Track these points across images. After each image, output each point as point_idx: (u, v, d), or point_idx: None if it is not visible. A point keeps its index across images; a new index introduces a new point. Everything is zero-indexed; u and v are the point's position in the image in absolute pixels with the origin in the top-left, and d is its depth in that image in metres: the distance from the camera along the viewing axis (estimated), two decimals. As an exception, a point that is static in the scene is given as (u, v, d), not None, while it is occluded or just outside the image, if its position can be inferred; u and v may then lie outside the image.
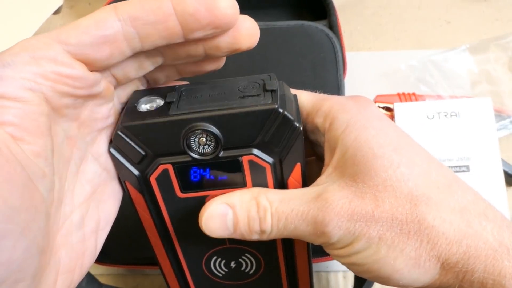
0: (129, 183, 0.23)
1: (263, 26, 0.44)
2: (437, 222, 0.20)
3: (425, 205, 0.21)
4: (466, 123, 0.42)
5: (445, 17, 0.53)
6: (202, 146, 0.22)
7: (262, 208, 0.22)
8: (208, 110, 0.21)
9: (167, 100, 0.22)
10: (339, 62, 0.44)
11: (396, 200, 0.21)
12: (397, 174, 0.21)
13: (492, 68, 0.48)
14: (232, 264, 0.28)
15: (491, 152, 0.42)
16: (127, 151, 0.22)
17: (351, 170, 0.22)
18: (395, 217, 0.21)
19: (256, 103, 0.21)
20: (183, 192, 0.24)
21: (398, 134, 0.23)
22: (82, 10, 0.53)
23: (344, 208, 0.21)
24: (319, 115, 0.24)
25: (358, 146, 0.22)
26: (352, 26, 0.52)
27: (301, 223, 0.22)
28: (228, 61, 0.43)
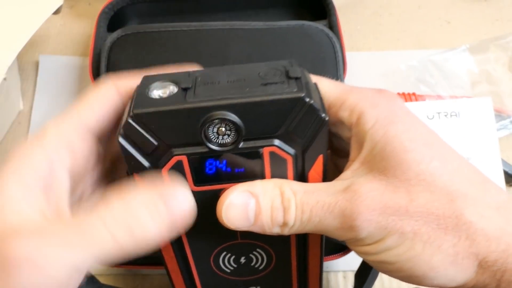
0: (139, 176, 0.22)
1: (263, 26, 0.44)
2: (475, 218, 0.19)
3: (462, 201, 0.20)
4: (466, 123, 0.42)
5: (445, 17, 0.53)
6: (221, 137, 0.21)
7: (286, 199, 0.21)
8: (229, 97, 0.20)
9: (182, 86, 0.20)
10: (339, 62, 0.44)
11: (431, 194, 0.20)
12: (431, 169, 0.20)
13: (492, 68, 0.48)
14: (242, 259, 0.27)
15: (491, 152, 0.42)
16: (138, 140, 0.21)
17: (381, 164, 0.21)
18: (431, 212, 0.20)
19: (281, 91, 0.20)
20: (196, 185, 0.22)
21: (427, 130, 0.22)
22: (82, 10, 0.53)
23: (376, 200, 0.20)
24: (344, 108, 0.22)
25: (388, 141, 0.21)
26: (352, 26, 0.52)
27: (327, 216, 0.20)
28: (227, 61, 0.43)
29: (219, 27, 0.44)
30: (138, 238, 0.19)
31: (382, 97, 0.22)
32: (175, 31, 0.44)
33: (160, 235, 0.20)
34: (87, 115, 0.22)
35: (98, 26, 0.46)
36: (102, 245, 0.19)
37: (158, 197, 0.20)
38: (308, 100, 0.20)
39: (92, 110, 0.22)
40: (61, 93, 0.47)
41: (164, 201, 0.20)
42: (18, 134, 0.46)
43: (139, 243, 0.19)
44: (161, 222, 0.20)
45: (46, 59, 0.49)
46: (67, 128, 0.22)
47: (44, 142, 0.21)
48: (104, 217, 0.19)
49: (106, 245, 0.19)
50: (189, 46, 0.44)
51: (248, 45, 0.44)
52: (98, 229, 0.19)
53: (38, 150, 0.21)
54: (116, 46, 0.44)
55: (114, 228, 0.19)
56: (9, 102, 0.45)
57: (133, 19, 0.49)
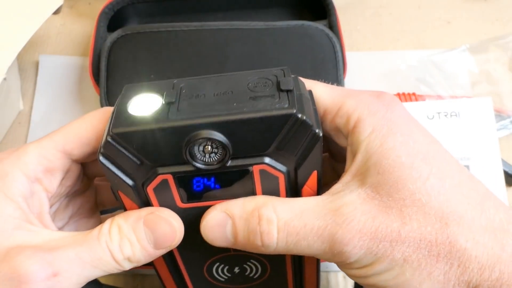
0: (123, 193, 0.21)
1: (263, 26, 0.44)
2: (469, 244, 0.19)
3: (457, 225, 0.19)
4: (466, 123, 0.42)
5: (445, 17, 0.53)
6: (208, 155, 0.19)
7: (265, 221, 0.20)
8: (214, 114, 0.18)
9: (165, 100, 0.19)
10: (339, 62, 0.44)
11: (425, 217, 0.19)
12: (427, 187, 0.19)
13: (492, 68, 0.48)
14: (236, 269, 0.26)
15: (491, 152, 0.41)
16: (120, 160, 0.19)
17: (374, 179, 0.19)
18: (424, 237, 0.19)
19: (271, 107, 0.18)
20: (184, 203, 0.21)
21: (428, 141, 0.21)
22: (82, 10, 0.53)
23: (367, 225, 0.19)
24: (341, 115, 0.21)
25: (384, 154, 0.19)
26: (352, 26, 0.52)
27: (315, 240, 0.20)
28: (227, 61, 0.43)
29: (219, 27, 0.44)
30: (131, 259, 0.21)
31: (380, 103, 0.21)
32: (175, 31, 0.44)
33: (150, 257, 0.22)
34: (69, 139, 0.22)
35: (98, 26, 0.46)
36: (105, 263, 0.21)
37: (145, 224, 0.21)
38: (300, 116, 0.18)
39: (76, 136, 0.22)
40: (61, 93, 0.47)
41: (150, 228, 0.21)
42: (18, 134, 0.46)
43: (133, 262, 0.21)
44: (147, 247, 0.21)
45: (46, 59, 0.49)
46: (48, 151, 0.22)
47: (23, 161, 0.22)
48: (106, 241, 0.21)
49: (108, 264, 0.21)
50: (189, 46, 0.44)
51: (248, 45, 0.44)
52: (103, 249, 0.20)
53: (18, 170, 0.21)
54: (116, 46, 0.44)
55: (112, 249, 0.21)
56: (9, 102, 0.45)
57: (133, 19, 0.49)
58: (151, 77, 0.42)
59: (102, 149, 0.20)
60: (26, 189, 0.21)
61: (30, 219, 0.21)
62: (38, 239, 0.21)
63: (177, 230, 0.21)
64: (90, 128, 0.22)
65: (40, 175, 0.22)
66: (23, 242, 0.20)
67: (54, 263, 0.19)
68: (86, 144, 0.23)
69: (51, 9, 0.42)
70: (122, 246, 0.21)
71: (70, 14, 0.52)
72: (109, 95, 0.43)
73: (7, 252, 0.19)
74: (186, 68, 0.43)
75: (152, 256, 0.22)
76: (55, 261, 0.20)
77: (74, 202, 0.26)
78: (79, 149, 0.23)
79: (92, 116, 0.23)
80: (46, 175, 0.22)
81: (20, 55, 0.47)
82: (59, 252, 0.20)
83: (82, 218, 0.26)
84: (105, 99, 0.42)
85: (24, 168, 0.22)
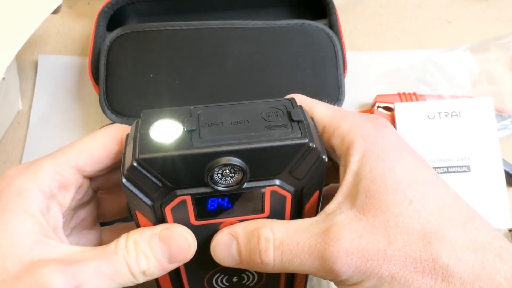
0: (140, 212, 0.22)
1: (263, 25, 0.44)
2: (452, 261, 0.20)
3: (439, 243, 0.20)
4: (467, 123, 0.42)
5: (446, 16, 0.53)
6: (226, 178, 0.21)
7: (263, 239, 0.22)
8: (235, 142, 0.20)
9: (187, 128, 0.21)
10: (339, 61, 0.44)
11: (408, 237, 0.20)
12: (409, 211, 0.21)
13: (493, 68, 0.48)
14: (234, 279, 0.28)
15: (492, 152, 0.41)
16: (142, 182, 0.21)
17: (363, 202, 0.21)
18: (408, 255, 0.20)
19: (286, 137, 0.20)
20: (197, 220, 0.23)
21: (414, 166, 0.22)
22: (82, 9, 0.53)
23: (354, 244, 0.20)
24: (336, 135, 0.23)
25: (372, 179, 0.21)
26: (352, 26, 0.52)
27: (307, 258, 0.21)
28: (227, 60, 0.43)
29: (219, 26, 0.44)
30: (146, 272, 0.22)
31: (373, 128, 0.23)
32: (174, 30, 0.44)
33: (163, 270, 0.23)
34: (82, 156, 0.23)
35: (98, 25, 0.46)
36: (122, 276, 0.22)
37: (160, 239, 0.22)
38: (311, 144, 0.21)
39: (89, 153, 0.24)
40: (60, 93, 0.47)
41: (165, 243, 0.22)
42: (17, 134, 0.45)
43: (147, 276, 0.23)
44: (162, 261, 0.22)
45: (45, 58, 0.49)
46: (62, 167, 0.23)
47: (39, 177, 0.23)
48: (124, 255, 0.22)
49: (125, 277, 0.22)
50: (189, 45, 0.43)
51: (248, 44, 0.43)
52: (121, 263, 0.22)
53: (35, 187, 0.22)
54: (115, 45, 0.44)
55: (130, 263, 0.22)
56: (8, 102, 0.45)
57: (133, 18, 0.49)
58: (151, 77, 0.42)
59: (126, 172, 0.21)
60: (43, 204, 0.22)
61: (48, 233, 0.22)
62: (57, 253, 0.22)
63: (191, 246, 0.23)
64: (102, 146, 0.24)
65: (55, 191, 0.23)
66: (43, 256, 0.21)
67: (76, 276, 0.21)
68: (98, 162, 0.24)
69: (50, 8, 0.42)
70: (138, 260, 0.22)
71: (69, 14, 0.52)
72: (108, 94, 0.42)
73: (30, 265, 0.20)
74: (186, 68, 0.43)
75: (166, 269, 0.23)
76: (77, 274, 0.21)
77: (78, 215, 0.27)
78: (91, 166, 0.24)
79: (104, 135, 0.24)
80: (61, 191, 0.23)
81: (19, 54, 0.46)
82: (80, 266, 0.21)
83: (84, 229, 0.27)
84: (104, 98, 0.42)
85: (41, 184, 0.22)
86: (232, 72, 0.43)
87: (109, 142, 0.24)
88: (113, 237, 0.27)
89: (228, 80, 0.42)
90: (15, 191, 0.22)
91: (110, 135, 0.24)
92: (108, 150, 0.24)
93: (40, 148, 0.45)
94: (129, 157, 0.21)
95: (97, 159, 0.24)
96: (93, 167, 0.24)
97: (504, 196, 0.40)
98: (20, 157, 0.44)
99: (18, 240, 0.21)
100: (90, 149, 0.24)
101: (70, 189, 0.24)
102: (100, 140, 0.24)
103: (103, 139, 0.24)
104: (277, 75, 0.43)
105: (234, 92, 0.42)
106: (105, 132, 0.24)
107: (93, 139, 0.24)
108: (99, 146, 0.24)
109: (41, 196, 0.22)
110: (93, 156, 0.24)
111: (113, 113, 0.42)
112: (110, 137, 0.24)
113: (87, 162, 0.24)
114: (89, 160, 0.24)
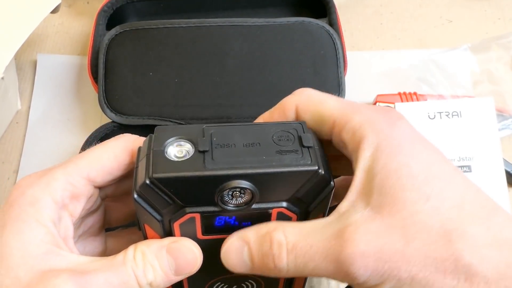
0: (149, 226, 0.23)
1: (263, 23, 0.44)
2: (475, 260, 0.19)
3: (460, 241, 0.19)
4: (468, 123, 0.42)
5: (447, 16, 0.53)
6: (235, 199, 0.22)
7: (276, 244, 0.21)
8: (247, 166, 0.21)
9: (200, 148, 0.21)
10: (340, 59, 0.44)
11: (428, 235, 0.19)
12: (427, 208, 0.19)
13: (494, 68, 0.48)
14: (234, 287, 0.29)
15: (493, 152, 0.41)
16: (154, 199, 0.21)
17: (377, 200, 0.20)
18: (428, 255, 0.19)
19: (297, 163, 0.21)
20: (204, 235, 0.23)
21: (431, 160, 0.21)
22: (81, 9, 0.52)
23: (370, 245, 0.19)
24: (347, 130, 0.22)
25: (386, 175, 0.20)
26: (353, 25, 0.52)
27: (321, 261, 0.20)
28: (227, 57, 0.43)
29: (218, 23, 0.44)
30: (153, 284, 0.23)
31: (386, 121, 0.22)
32: (174, 27, 0.44)
33: (169, 282, 0.23)
34: (94, 167, 0.24)
35: (97, 24, 0.46)
36: (130, 286, 0.22)
37: (167, 252, 0.23)
38: (321, 171, 0.21)
39: (100, 164, 0.24)
40: (59, 92, 0.47)
41: (173, 256, 0.23)
42: (16, 134, 0.45)
43: (153, 287, 0.23)
44: (169, 274, 0.23)
45: (44, 58, 0.49)
46: (74, 178, 0.24)
47: (52, 188, 0.23)
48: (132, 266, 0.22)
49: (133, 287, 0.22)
50: (189, 43, 0.43)
51: (248, 42, 0.43)
52: (129, 274, 0.22)
53: (48, 197, 0.23)
54: (114, 43, 0.44)
55: (138, 274, 0.22)
56: (6, 101, 0.44)
57: (132, 17, 0.49)
58: (150, 75, 0.42)
59: (139, 189, 0.21)
60: (55, 214, 0.23)
61: (59, 243, 0.23)
62: (67, 263, 0.22)
63: (198, 259, 0.23)
64: (113, 158, 0.24)
65: (67, 201, 0.23)
66: (54, 266, 0.21)
67: (87, 287, 0.21)
68: (109, 173, 0.24)
69: (49, 8, 0.42)
70: (146, 272, 0.22)
71: (68, 13, 0.52)
72: (107, 92, 0.42)
73: (42, 275, 0.21)
74: (185, 66, 0.43)
75: (171, 281, 0.23)
76: (87, 285, 0.21)
77: (86, 222, 0.27)
78: (102, 177, 0.24)
79: (115, 145, 0.24)
80: (72, 201, 0.24)
81: (18, 54, 0.46)
82: (90, 277, 0.21)
83: (90, 236, 0.27)
84: (103, 96, 0.42)
85: (54, 194, 0.23)
86: (232, 70, 0.42)
87: (120, 153, 0.24)
88: (117, 244, 0.28)
89: (228, 78, 0.42)
90: (28, 201, 0.22)
91: (121, 146, 0.25)
92: (119, 161, 0.24)
93: (39, 148, 0.44)
94: (141, 174, 0.21)
95: (108, 170, 0.24)
96: (104, 178, 0.24)
97: (505, 196, 0.40)
98: (19, 157, 0.44)
99: (30, 249, 0.21)
100: (101, 160, 0.24)
101: (81, 199, 0.24)
102: (111, 151, 0.24)
103: (114, 150, 0.24)
104: (277, 73, 0.42)
105: (234, 90, 0.42)
106: (116, 143, 0.25)
107: (104, 150, 0.24)
108: (110, 157, 0.24)
109: (53, 206, 0.23)
110: (104, 167, 0.24)
111: (112, 111, 0.42)
112: (121, 148, 0.24)
113: (99, 173, 0.24)
114: (100, 171, 0.24)
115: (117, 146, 0.25)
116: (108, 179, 0.25)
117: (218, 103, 0.42)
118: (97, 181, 0.24)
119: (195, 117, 0.41)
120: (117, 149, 0.24)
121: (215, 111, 0.41)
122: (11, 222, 0.22)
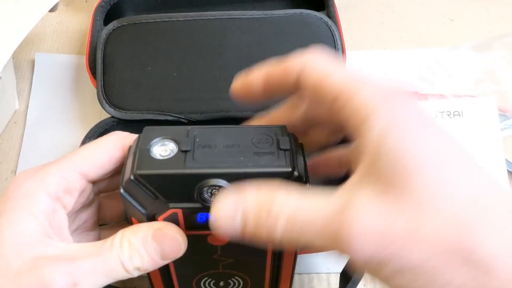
0: (135, 218, 0.24)
1: (262, 15, 0.44)
2: (491, 252, 0.17)
3: (476, 231, 0.18)
4: (470, 123, 0.42)
5: (448, 14, 0.53)
6: (214, 196, 0.23)
7: (273, 216, 0.20)
8: (225, 166, 0.22)
9: (182, 148, 0.22)
10: (339, 51, 0.43)
11: (440, 222, 0.18)
12: (442, 194, 0.18)
13: (497, 67, 0.48)
14: (221, 283, 0.30)
15: (495, 152, 0.41)
16: (138, 194, 0.23)
17: (386, 180, 0.19)
18: (439, 243, 0.18)
19: (272, 164, 0.22)
20: (186, 230, 0.24)
21: (445, 144, 0.19)
22: (78, 7, 0.52)
23: (375, 224, 0.18)
24: (352, 105, 0.20)
25: (397, 155, 0.18)
26: (353, 24, 0.52)
27: (319, 235, 0.19)
28: (226, 50, 0.43)
29: (216, 16, 0.44)
30: (140, 268, 0.24)
31: (396, 99, 0.20)
32: (172, 21, 0.43)
33: (156, 266, 0.24)
34: (87, 162, 0.25)
35: (95, 20, 0.45)
36: (117, 272, 0.23)
37: (153, 238, 0.24)
38: (295, 173, 0.22)
39: (93, 159, 0.25)
40: (58, 91, 0.47)
41: (158, 242, 0.24)
42: (14, 134, 0.45)
43: (141, 271, 0.24)
44: (155, 258, 0.24)
45: (42, 57, 0.49)
46: (68, 172, 0.25)
47: (46, 182, 0.24)
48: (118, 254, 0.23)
49: (119, 273, 0.24)
50: (186, 36, 0.43)
51: (246, 34, 0.43)
52: (115, 261, 0.23)
53: (42, 190, 0.24)
54: (112, 38, 0.43)
55: (124, 261, 0.23)
56: (4, 101, 0.44)
57: (129, 12, 0.49)
58: (148, 69, 0.42)
59: (124, 184, 0.23)
60: (48, 207, 0.24)
61: (50, 234, 0.24)
62: (56, 250, 0.23)
63: (182, 244, 0.24)
64: (105, 153, 0.25)
65: (60, 194, 0.25)
66: (44, 253, 0.23)
67: (73, 274, 0.22)
68: (101, 168, 0.26)
69: (47, 6, 0.42)
70: (132, 258, 0.23)
71: (67, 12, 0.52)
72: (106, 87, 0.42)
73: (32, 262, 0.22)
74: (184, 59, 0.42)
75: (158, 265, 0.25)
76: (74, 271, 0.22)
77: (80, 217, 0.28)
78: (95, 171, 0.25)
79: (107, 142, 0.26)
80: (66, 195, 0.25)
81: (16, 53, 0.46)
82: (77, 264, 0.23)
83: (85, 231, 0.29)
84: (102, 92, 0.42)
85: (48, 188, 0.24)
86: (230, 63, 0.42)
87: (111, 148, 0.26)
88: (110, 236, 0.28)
89: (226, 71, 0.42)
90: (23, 193, 0.24)
91: (113, 142, 0.26)
92: (110, 155, 0.26)
93: (37, 148, 0.44)
94: (128, 170, 0.23)
95: (100, 164, 0.25)
96: (97, 172, 0.26)
97: (508, 197, 0.40)
98: (17, 157, 0.44)
99: (22, 238, 0.23)
100: (94, 155, 0.25)
101: (74, 192, 0.25)
102: (103, 147, 0.26)
103: (106, 146, 0.26)
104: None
105: (233, 83, 0.42)
106: (108, 139, 0.26)
107: (97, 146, 0.26)
108: (103, 153, 0.25)
109: (47, 199, 0.24)
110: (96, 162, 0.25)
111: (111, 106, 0.41)
112: (112, 144, 0.26)
113: (91, 168, 0.25)
114: (93, 165, 0.25)
115: (108, 142, 0.26)
116: (100, 173, 0.26)
117: (217, 96, 0.41)
118: (90, 175, 0.25)
119: (194, 110, 0.41)
120: (108, 145, 0.26)
121: (214, 104, 0.41)
122: (6, 213, 0.23)
